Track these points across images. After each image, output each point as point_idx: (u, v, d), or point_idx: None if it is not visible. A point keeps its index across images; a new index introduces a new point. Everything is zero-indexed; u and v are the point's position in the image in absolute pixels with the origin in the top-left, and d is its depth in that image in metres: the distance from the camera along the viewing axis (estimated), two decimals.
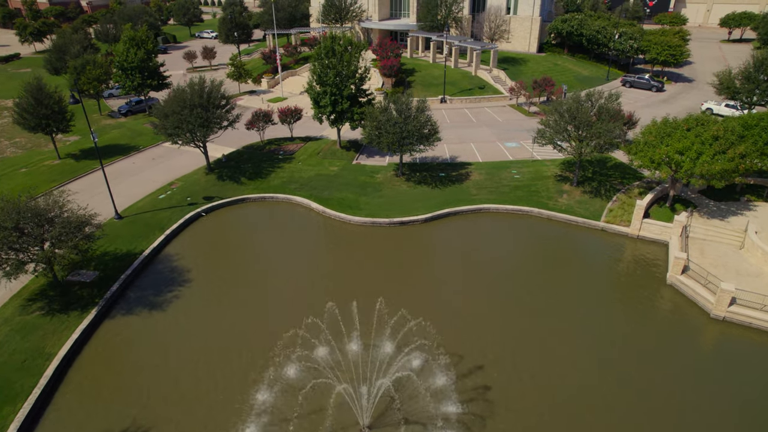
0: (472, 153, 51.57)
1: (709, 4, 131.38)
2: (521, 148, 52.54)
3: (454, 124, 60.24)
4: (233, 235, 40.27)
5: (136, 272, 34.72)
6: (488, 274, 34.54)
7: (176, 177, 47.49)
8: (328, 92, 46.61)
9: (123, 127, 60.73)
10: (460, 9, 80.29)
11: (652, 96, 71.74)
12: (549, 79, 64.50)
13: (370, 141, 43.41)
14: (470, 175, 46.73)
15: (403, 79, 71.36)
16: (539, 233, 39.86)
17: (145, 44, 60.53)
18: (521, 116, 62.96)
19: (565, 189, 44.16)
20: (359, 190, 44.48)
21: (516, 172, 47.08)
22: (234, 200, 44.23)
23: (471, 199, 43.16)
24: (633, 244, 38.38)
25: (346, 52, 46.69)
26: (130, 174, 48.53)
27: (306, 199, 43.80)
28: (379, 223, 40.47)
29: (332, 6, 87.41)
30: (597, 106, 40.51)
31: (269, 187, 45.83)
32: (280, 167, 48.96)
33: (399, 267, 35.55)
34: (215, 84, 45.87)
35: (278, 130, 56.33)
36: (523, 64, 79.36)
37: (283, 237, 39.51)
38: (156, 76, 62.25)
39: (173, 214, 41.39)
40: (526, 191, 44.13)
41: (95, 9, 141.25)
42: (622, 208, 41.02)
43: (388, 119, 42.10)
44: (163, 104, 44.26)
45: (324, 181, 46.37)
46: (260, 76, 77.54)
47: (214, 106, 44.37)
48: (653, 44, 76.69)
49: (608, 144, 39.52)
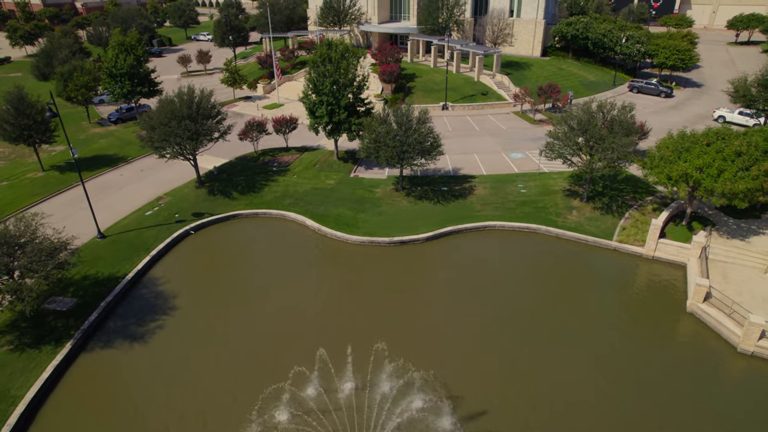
0: (476, 165, 49.21)
1: (714, 5, 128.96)
2: (527, 159, 50.19)
3: (457, 133, 57.88)
4: (222, 256, 37.91)
5: (117, 298, 32.39)
6: (494, 301, 32.17)
7: (165, 191, 45.13)
8: (325, 102, 44.27)
9: (112, 135, 58.39)
10: (462, 12, 77.92)
11: (660, 102, 69.38)
12: (555, 86, 62.14)
13: (368, 155, 41.05)
14: (474, 189, 44.38)
15: (404, 84, 69.00)
16: (548, 253, 37.51)
17: (134, 50, 58.17)
18: (526, 124, 60.60)
19: (575, 205, 41.81)
20: (357, 206, 42.13)
21: (522, 186, 44.73)
22: (225, 216, 41.87)
23: (475, 216, 40.82)
24: (648, 266, 36.05)
25: (343, 60, 44.34)
26: (116, 187, 46.18)
27: (301, 215, 41.45)
28: (378, 243, 38.13)
29: (330, 9, 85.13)
30: (609, 118, 38.11)
31: (262, 202, 43.50)
32: (274, 180, 46.59)
33: (399, 293, 33.15)
34: (205, 93, 43.53)
35: (273, 140, 54.01)
36: (527, 69, 76.99)
37: (275, 259, 37.13)
38: (146, 83, 59.90)
39: (160, 233, 39.05)
40: (533, 207, 41.78)
41: (90, 11, 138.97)
42: (636, 226, 38.69)
43: (387, 131, 39.76)
44: (150, 115, 41.87)
45: (320, 195, 44.02)
46: (256, 82, 75.20)
47: (203, 116, 42.02)
48: (661, 48, 74.38)
49: (621, 160, 37.10)
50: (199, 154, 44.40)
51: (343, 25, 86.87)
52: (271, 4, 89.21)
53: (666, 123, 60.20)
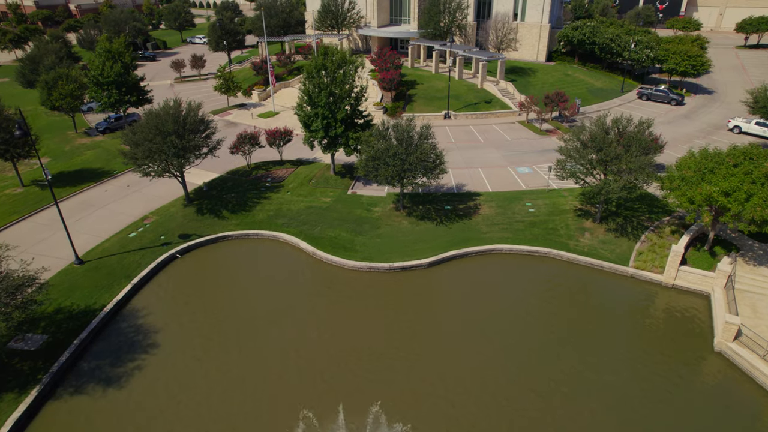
0: (481, 180, 46.55)
1: (722, 7, 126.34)
2: (534, 175, 47.53)
3: (460, 145, 55.22)
4: (209, 284, 35.19)
5: (93, 334, 29.73)
6: (503, 339, 29.52)
7: (151, 209, 42.46)
8: (320, 115, 41.60)
9: (99, 147, 55.70)
10: (464, 16, 75.23)
11: (671, 110, 66.72)
12: (562, 94, 59.47)
13: (366, 173, 38.38)
14: (479, 208, 41.72)
15: (404, 92, 66.33)
16: (560, 281, 34.85)
17: (122, 57, 55.46)
18: (532, 135, 57.94)
19: (587, 226, 39.16)
20: (355, 227, 39.47)
21: (531, 204, 42.06)
22: (213, 238, 39.24)
23: (481, 238, 38.18)
24: (668, 295, 33.40)
25: (340, 70, 41.66)
26: (99, 205, 43.50)
27: (295, 237, 38.81)
28: (376, 269, 35.48)
29: (328, 12, 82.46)
30: (625, 135, 35.43)
31: (254, 222, 40.85)
32: (267, 198, 43.93)
33: (398, 331, 30.47)
34: (193, 106, 40.90)
35: (267, 152, 51.37)
36: (532, 75, 74.32)
37: (265, 288, 34.46)
38: (135, 91, 57.21)
39: (143, 258, 36.40)
40: (542, 228, 39.13)
41: (84, 12, 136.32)
42: (653, 250, 36.05)
43: (386, 148, 37.09)
44: (133, 130, 39.22)
45: (315, 215, 41.37)
46: (251, 88, 72.50)
47: (191, 131, 39.36)
48: (671, 54, 71.69)
49: (639, 182, 34.43)
50: (187, 171, 41.79)
51: (342, 29, 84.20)
52: (267, 8, 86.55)
53: (679, 134, 57.64)
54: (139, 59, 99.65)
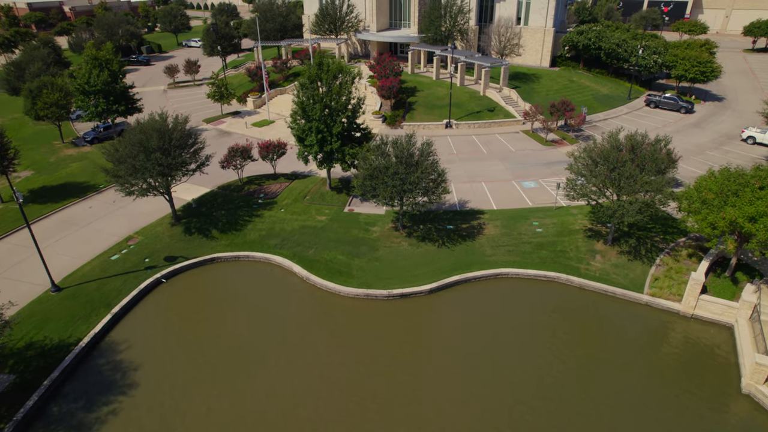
0: (484, 196, 44.21)
1: (728, 9, 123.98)
2: (541, 190, 45.20)
3: (462, 156, 52.88)
4: (195, 313, 32.83)
5: (66, 372, 27.44)
6: (511, 376, 27.22)
7: (136, 229, 40.14)
8: (314, 129, 39.28)
9: (86, 158, 53.34)
10: (466, 20, 72.86)
11: (681, 119, 64.36)
12: (568, 102, 57.13)
13: (363, 192, 36.06)
14: (483, 228, 39.40)
15: (404, 100, 64.00)
16: (571, 309, 32.56)
17: (110, 64, 53.14)
18: (537, 145, 55.60)
19: (598, 248, 36.84)
20: (351, 249, 37.16)
21: (538, 223, 39.73)
22: (202, 261, 36.93)
23: (486, 262, 35.87)
24: (687, 326, 31.09)
25: (335, 81, 39.35)
26: (82, 224, 41.16)
27: (287, 260, 36.51)
28: (374, 296, 33.17)
29: (326, 16, 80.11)
30: (640, 153, 33.08)
31: (245, 243, 38.54)
32: (259, 216, 41.61)
33: (397, 369, 28.16)
34: (180, 120, 38.59)
35: (261, 164, 49.00)
36: (536, 81, 71.96)
37: (254, 317, 32.11)
38: (124, 100, 54.88)
39: (126, 283, 34.09)
40: (551, 250, 36.81)
41: (79, 15, 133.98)
42: (669, 275, 33.75)
43: (386, 166, 34.75)
44: (115, 145, 36.91)
45: (310, 235, 39.06)
46: (245, 95, 70.15)
47: (177, 147, 37.05)
48: (680, 59, 69.33)
49: (656, 204, 32.11)
50: (174, 188, 39.50)
51: (340, 33, 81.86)
52: (263, 11, 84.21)
53: (690, 144, 55.31)
54: (133, 63, 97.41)
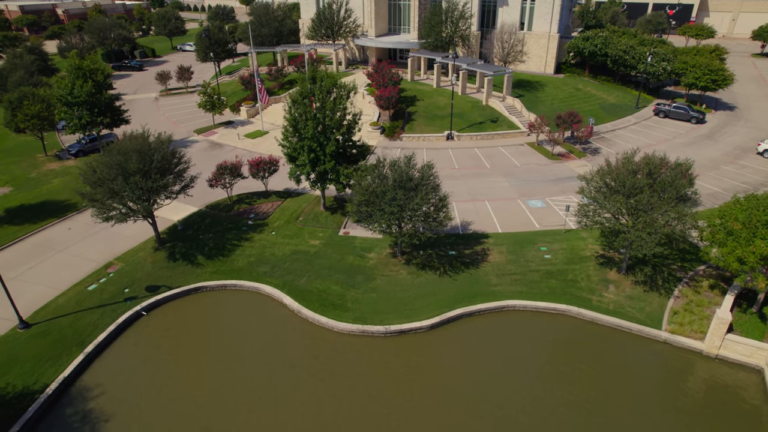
0: (489, 217, 41.65)
1: (734, 12, 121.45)
2: (548, 210, 42.65)
3: (464, 172, 50.31)
4: (175, 352, 30.22)
5: (28, 427, 24.87)
6: (521, 420, 24.67)
7: (117, 254, 37.58)
8: (306, 148, 36.71)
9: (68, 173, 50.70)
10: (467, 26, 70.24)
11: (692, 129, 61.80)
12: (575, 114, 54.58)
13: (359, 219, 33.50)
14: (488, 253, 36.83)
15: (403, 110, 61.44)
16: (584, 346, 30.04)
17: (94, 75, 50.56)
18: (543, 159, 53.02)
19: (611, 277, 34.30)
20: (346, 278, 34.59)
21: (546, 249, 37.18)
22: (186, 291, 34.39)
23: (491, 293, 33.32)
24: (711, 368, 28.57)
25: (329, 97, 36.79)
26: (59, 247, 38.60)
27: (278, 290, 33.97)
28: (370, 333, 30.63)
29: (323, 21, 77.54)
30: (660, 181, 30.49)
31: (232, 270, 35.99)
32: (249, 239, 39.04)
33: (397, 415, 25.62)
34: (163, 139, 36.04)
35: (251, 181, 46.30)
36: (540, 90, 69.40)
37: (241, 356, 29.53)
38: (109, 112, 52.30)
39: (102, 317, 31.55)
40: (561, 280, 34.26)
41: (72, 18, 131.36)
42: (689, 309, 31.23)
43: (383, 191, 32.15)
44: (93, 166, 34.32)
45: (302, 261, 36.50)
46: (239, 104, 67.60)
47: (159, 170, 34.48)
48: (690, 67, 66.80)
49: (678, 236, 29.57)
50: (157, 211, 36.94)
51: (337, 38, 79.30)
52: (259, 16, 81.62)
53: (703, 158, 52.78)
54: (125, 69, 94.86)
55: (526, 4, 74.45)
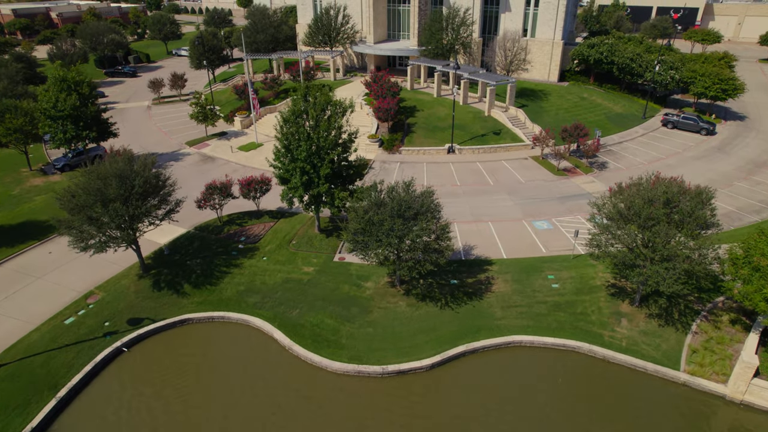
0: (492, 240, 39.47)
1: (740, 16, 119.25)
2: (555, 232, 40.47)
3: (466, 189, 48.12)
4: (157, 393, 28.04)
5: None
6: None
7: (98, 282, 35.38)
8: (299, 170, 34.53)
9: (52, 190, 48.24)
10: (469, 33, 68.01)
11: (701, 141, 59.62)
12: (581, 126, 52.45)
13: (354, 248, 31.31)
14: (492, 282, 34.66)
15: (402, 121, 59.24)
16: (596, 388, 27.91)
17: (79, 87, 48.37)
18: (548, 175, 50.81)
19: (624, 310, 32.12)
20: (341, 311, 32.41)
21: (554, 277, 35.01)
22: (170, 323, 32.23)
23: (496, 327, 31.16)
24: (736, 415, 26.41)
25: (323, 115, 34.61)
26: (38, 273, 36.40)
27: (268, 323, 31.81)
28: (367, 374, 28.46)
29: (320, 27, 75.36)
30: (679, 210, 28.28)
31: (220, 300, 33.82)
32: (239, 265, 36.86)
33: None
34: (147, 161, 33.84)
35: (243, 200, 44.10)
36: (545, 99, 67.20)
37: (226, 399, 27.35)
38: (96, 125, 50.11)
39: (78, 356, 29.37)
40: (569, 313, 32.09)
41: (66, 21, 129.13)
42: (710, 348, 29.07)
43: (380, 220, 29.93)
44: (71, 191, 32.10)
45: (295, 291, 34.32)
46: (233, 114, 65.37)
47: (141, 196, 32.28)
48: (699, 75, 64.62)
49: (700, 273, 27.38)
50: (141, 237, 34.75)
51: (335, 45, 77.12)
52: (254, 21, 79.42)
53: (715, 172, 50.65)
54: (118, 75, 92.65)
55: (530, 10, 72.24)
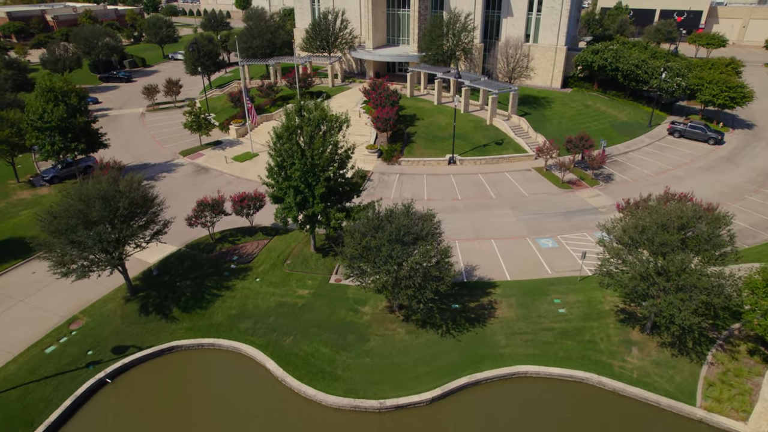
0: (495, 260, 37.86)
1: (745, 19, 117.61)
2: (561, 251, 38.87)
3: (468, 203, 46.51)
4: (142, 429, 26.49)
5: None
6: None
7: (83, 305, 33.77)
8: (293, 189, 32.92)
9: (40, 204, 46.70)
10: (470, 39, 66.37)
11: (710, 151, 58.01)
12: (587, 137, 50.86)
13: (350, 275, 29.67)
14: (496, 307, 33.04)
15: (402, 130, 57.62)
16: (606, 422, 26.31)
17: (67, 97, 46.76)
18: (553, 188, 49.19)
19: (634, 338, 30.51)
20: (337, 339, 30.81)
21: (560, 301, 33.39)
22: (157, 351, 30.62)
23: (499, 356, 29.55)
24: None
25: (318, 131, 32.99)
26: (19, 296, 34.79)
27: (260, 351, 30.21)
28: (363, 408, 26.85)
29: (318, 32, 73.76)
30: (695, 236, 26.68)
31: (210, 326, 32.22)
32: (230, 287, 35.25)
33: None
34: (134, 180, 32.22)
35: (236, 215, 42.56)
36: (548, 107, 65.59)
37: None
38: (85, 137, 48.48)
39: (58, 389, 27.76)
40: (577, 341, 30.49)
41: (62, 24, 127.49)
42: (727, 381, 27.48)
43: (377, 246, 28.30)
44: (53, 212, 30.45)
45: (288, 316, 32.72)
46: (228, 122, 63.79)
47: (125, 218, 30.65)
48: (706, 83, 62.99)
49: (720, 305, 25.79)
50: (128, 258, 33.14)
51: (333, 50, 75.50)
52: (250, 27, 77.80)
53: (725, 185, 49.06)
54: (112, 80, 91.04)
55: (532, 15, 70.65)
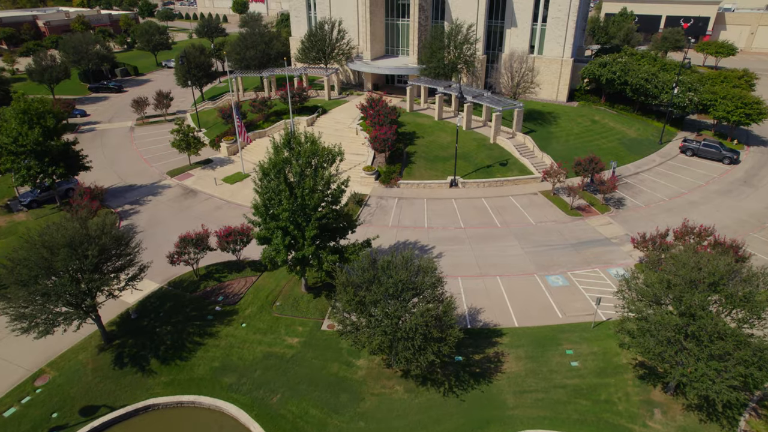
0: (501, 301, 35.02)
1: (753, 26, 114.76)
2: (571, 289, 36.05)
3: (471, 232, 43.65)
4: None
5: None
6: None
7: (51, 356, 30.90)
8: (281, 230, 30.07)
9: (15, 232, 43.94)
10: (472, 51, 63.48)
11: (725, 172, 55.15)
12: (597, 160, 48.11)
13: (344, 333, 26.82)
14: (503, 360, 30.19)
15: (401, 150, 54.76)
16: None
17: (42, 119, 43.92)
18: (561, 215, 46.31)
19: (656, 398, 27.67)
20: (329, 398, 27.96)
21: (573, 352, 30.55)
22: (131, 412, 27.79)
23: (508, 419, 26.72)
24: None
25: (308, 167, 30.17)
26: None
27: (244, 412, 27.39)
28: None
29: (315, 42, 70.89)
30: (730, 296, 23.82)
31: (191, 380, 29.39)
32: (214, 334, 32.41)
33: None
34: (106, 222, 29.38)
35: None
36: (554, 123, 62.73)
37: None
38: (63, 160, 45.65)
39: None
40: (592, 400, 27.65)
41: (54, 30, 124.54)
42: None
43: (374, 301, 25.45)
44: (15, 258, 27.61)
45: (276, 369, 29.87)
46: (219, 139, 60.96)
47: (95, 267, 27.80)
48: (720, 98, 60.15)
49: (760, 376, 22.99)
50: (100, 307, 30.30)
51: (330, 62, 72.64)
52: (244, 37, 74.92)
53: (743, 212, 46.32)
54: (102, 90, 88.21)
55: (537, 26, 67.81)
